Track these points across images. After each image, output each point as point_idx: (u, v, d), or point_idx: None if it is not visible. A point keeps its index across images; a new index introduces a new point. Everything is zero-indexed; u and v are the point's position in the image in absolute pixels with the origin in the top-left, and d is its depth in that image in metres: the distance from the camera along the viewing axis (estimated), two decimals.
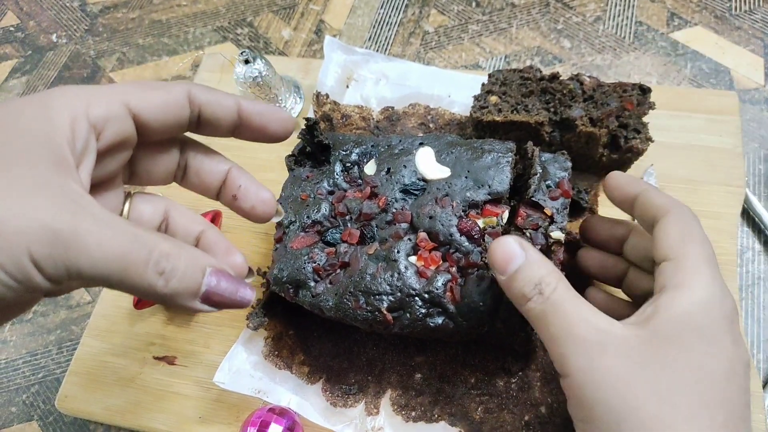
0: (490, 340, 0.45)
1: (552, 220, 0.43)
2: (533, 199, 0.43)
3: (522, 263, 0.34)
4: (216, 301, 0.27)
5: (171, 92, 0.29)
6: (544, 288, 0.33)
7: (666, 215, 0.35)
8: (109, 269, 0.23)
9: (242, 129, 0.31)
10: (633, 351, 0.31)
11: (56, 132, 0.25)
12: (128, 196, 0.32)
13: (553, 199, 0.43)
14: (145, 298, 0.26)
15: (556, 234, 0.42)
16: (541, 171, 0.44)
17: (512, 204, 0.45)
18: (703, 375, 0.30)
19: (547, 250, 0.42)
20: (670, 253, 0.33)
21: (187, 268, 0.26)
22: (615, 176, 0.40)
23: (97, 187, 0.29)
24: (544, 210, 0.43)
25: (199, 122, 0.30)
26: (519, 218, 0.43)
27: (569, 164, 0.45)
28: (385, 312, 0.42)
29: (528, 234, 0.42)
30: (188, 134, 0.33)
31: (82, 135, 0.25)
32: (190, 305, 0.27)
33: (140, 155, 0.31)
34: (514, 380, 0.47)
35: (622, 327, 0.32)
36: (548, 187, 0.44)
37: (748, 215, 0.59)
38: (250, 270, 0.33)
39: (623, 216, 0.44)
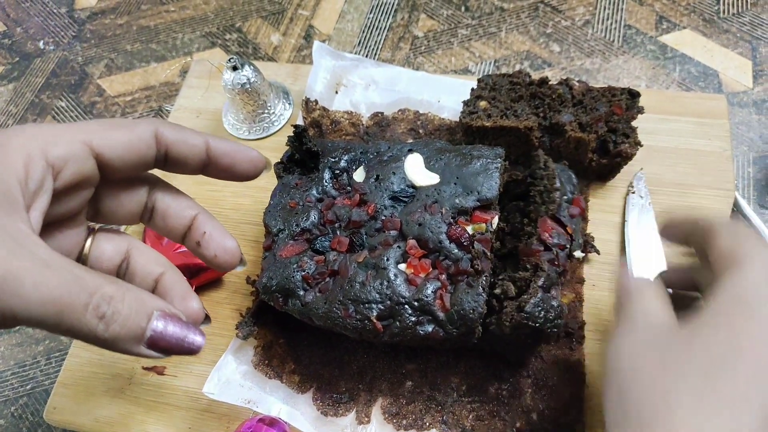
0: (481, 347, 0.45)
1: (572, 239, 0.42)
2: (557, 216, 0.43)
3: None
4: (163, 347, 0.26)
5: (135, 131, 0.28)
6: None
7: (712, 227, 0.35)
8: (44, 312, 0.22)
9: (211, 168, 0.31)
10: (666, 336, 0.32)
11: (7, 172, 0.24)
12: (92, 232, 0.31)
13: (572, 216, 0.43)
14: (87, 342, 0.24)
15: (578, 254, 0.42)
16: (559, 186, 0.44)
17: (515, 210, 0.45)
18: (735, 344, 0.29)
19: (569, 269, 0.42)
20: (723, 258, 0.34)
21: (131, 311, 0.24)
22: (669, 217, 0.40)
23: (57, 224, 0.29)
24: (567, 228, 0.42)
25: (167, 160, 0.30)
26: (545, 233, 0.43)
27: (575, 179, 0.45)
28: (374, 320, 0.42)
29: (555, 252, 0.42)
30: (158, 174, 0.32)
31: (36, 175, 0.25)
32: (135, 351, 0.25)
33: (105, 193, 0.31)
34: (505, 387, 0.47)
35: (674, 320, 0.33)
36: (566, 201, 0.44)
37: (738, 218, 0.59)
38: (207, 317, 0.32)
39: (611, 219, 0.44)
